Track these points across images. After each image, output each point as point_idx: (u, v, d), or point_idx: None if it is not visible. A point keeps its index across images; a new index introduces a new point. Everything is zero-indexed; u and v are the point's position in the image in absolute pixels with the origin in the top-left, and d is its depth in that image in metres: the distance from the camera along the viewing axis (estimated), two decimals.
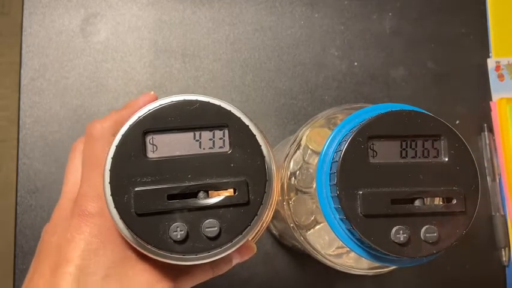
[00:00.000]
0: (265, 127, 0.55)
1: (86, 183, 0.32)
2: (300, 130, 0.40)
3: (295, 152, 0.40)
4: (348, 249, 0.33)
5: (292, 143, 0.40)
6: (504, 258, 0.54)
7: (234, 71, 0.56)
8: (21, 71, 0.55)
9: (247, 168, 0.30)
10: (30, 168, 0.54)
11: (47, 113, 0.55)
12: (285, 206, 0.39)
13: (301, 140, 0.40)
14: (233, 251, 0.32)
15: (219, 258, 0.32)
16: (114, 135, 0.31)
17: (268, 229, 0.53)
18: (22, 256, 0.52)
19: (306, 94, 0.56)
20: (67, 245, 0.31)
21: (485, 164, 0.56)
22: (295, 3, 0.58)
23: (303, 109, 0.56)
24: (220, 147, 0.30)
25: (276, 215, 0.43)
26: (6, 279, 0.53)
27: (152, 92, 0.38)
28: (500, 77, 0.58)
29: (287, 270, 0.53)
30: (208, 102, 0.30)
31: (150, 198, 0.29)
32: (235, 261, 0.35)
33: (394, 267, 0.36)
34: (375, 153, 0.31)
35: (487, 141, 0.56)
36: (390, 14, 0.58)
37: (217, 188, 0.29)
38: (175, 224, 0.29)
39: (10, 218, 0.53)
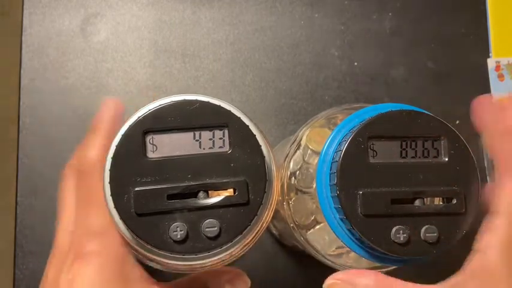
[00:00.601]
0: (265, 127, 0.55)
1: (82, 221, 0.32)
2: (300, 130, 0.40)
3: (295, 152, 0.40)
4: (348, 249, 0.33)
5: (292, 143, 0.40)
6: None
7: (234, 71, 0.56)
8: (21, 71, 0.55)
9: (247, 168, 0.30)
10: (30, 168, 0.54)
11: (47, 113, 0.55)
12: (285, 206, 0.39)
13: (301, 140, 0.40)
14: (225, 280, 0.32)
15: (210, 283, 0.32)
16: (104, 158, 0.30)
17: (268, 229, 0.53)
18: (22, 256, 0.52)
19: (306, 94, 0.56)
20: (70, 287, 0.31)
21: (485, 164, 0.56)
22: (295, 3, 0.58)
23: (303, 109, 0.56)
24: (220, 147, 0.30)
25: (276, 215, 0.43)
26: (6, 279, 0.53)
27: (112, 100, 0.36)
28: (500, 77, 0.58)
29: (287, 270, 0.53)
30: (208, 102, 0.30)
31: (150, 198, 0.29)
32: None
33: (394, 267, 0.36)
34: (374, 153, 0.31)
35: None
36: (390, 14, 0.58)
37: (217, 188, 0.29)
38: (175, 224, 0.29)
39: (10, 218, 0.53)
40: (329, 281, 0.33)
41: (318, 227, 0.40)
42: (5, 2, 0.59)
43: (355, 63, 0.57)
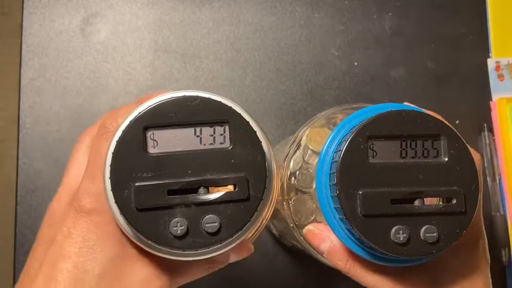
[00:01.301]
0: (265, 127, 0.55)
1: (88, 178, 0.32)
2: (299, 130, 0.40)
3: (295, 152, 0.40)
4: None
5: (292, 143, 0.40)
6: (504, 258, 0.54)
7: (234, 71, 0.56)
8: (21, 71, 0.55)
9: (247, 164, 0.30)
10: (30, 168, 0.54)
11: (47, 113, 0.55)
12: (284, 206, 0.39)
13: (301, 140, 0.40)
14: (231, 250, 0.32)
15: (215, 256, 0.32)
16: None
17: (268, 229, 0.53)
18: (22, 256, 0.52)
19: (306, 94, 0.56)
20: (64, 241, 0.31)
21: (485, 164, 0.56)
22: (295, 3, 0.58)
23: (303, 109, 0.56)
24: (221, 143, 0.30)
25: (276, 215, 0.43)
26: (6, 279, 0.53)
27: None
28: (500, 77, 0.58)
29: (287, 270, 0.53)
30: (209, 98, 0.30)
31: (151, 193, 0.29)
32: (232, 259, 0.35)
33: (394, 267, 0.36)
34: (374, 153, 0.31)
35: (487, 141, 0.56)
36: (390, 14, 0.59)
37: (218, 183, 0.29)
38: (176, 219, 0.29)
39: (10, 218, 0.53)
40: (309, 227, 0.35)
41: None
42: (5, 2, 0.59)
43: (355, 63, 0.57)
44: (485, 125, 0.56)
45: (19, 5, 0.57)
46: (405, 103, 0.36)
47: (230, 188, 0.29)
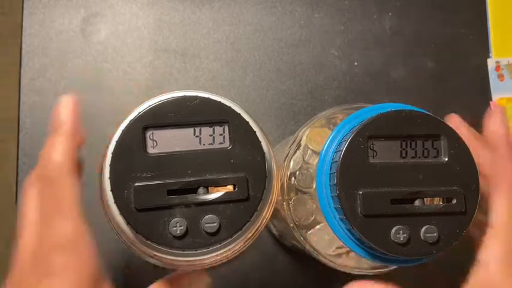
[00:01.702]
0: (265, 127, 0.55)
1: (47, 234, 0.29)
2: (299, 130, 0.40)
3: (295, 152, 0.40)
4: (348, 249, 0.33)
5: (292, 143, 0.40)
6: None
7: (234, 71, 0.56)
8: (21, 71, 0.55)
9: (247, 164, 0.30)
10: (30, 168, 0.53)
11: (47, 113, 0.55)
12: (284, 206, 0.39)
13: (301, 140, 0.40)
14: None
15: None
16: (72, 161, 0.29)
17: (268, 229, 0.53)
18: None
19: (306, 94, 0.56)
20: None
21: None
22: (295, 3, 0.58)
23: (303, 109, 0.56)
24: (220, 143, 0.30)
25: (276, 215, 0.43)
26: (6, 279, 0.53)
27: (67, 97, 0.34)
28: (500, 77, 0.58)
29: (287, 270, 0.53)
30: (209, 98, 0.30)
31: (150, 193, 0.29)
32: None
33: (394, 267, 0.36)
34: (374, 153, 0.31)
35: None
36: (390, 14, 0.59)
37: (217, 183, 0.29)
38: (175, 219, 0.29)
39: (10, 218, 0.53)
40: None
41: (318, 227, 0.40)
42: (5, 2, 0.59)
43: (355, 63, 0.57)
44: None
45: (19, 5, 0.56)
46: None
47: (230, 188, 0.30)
